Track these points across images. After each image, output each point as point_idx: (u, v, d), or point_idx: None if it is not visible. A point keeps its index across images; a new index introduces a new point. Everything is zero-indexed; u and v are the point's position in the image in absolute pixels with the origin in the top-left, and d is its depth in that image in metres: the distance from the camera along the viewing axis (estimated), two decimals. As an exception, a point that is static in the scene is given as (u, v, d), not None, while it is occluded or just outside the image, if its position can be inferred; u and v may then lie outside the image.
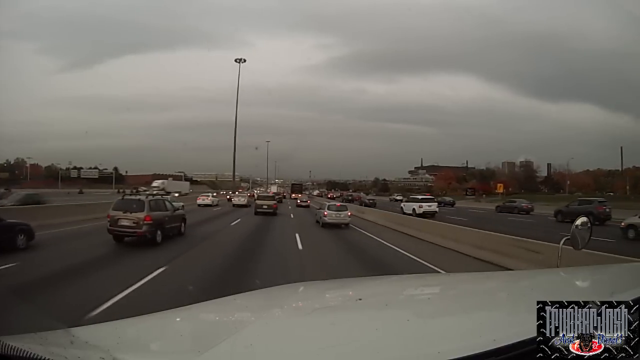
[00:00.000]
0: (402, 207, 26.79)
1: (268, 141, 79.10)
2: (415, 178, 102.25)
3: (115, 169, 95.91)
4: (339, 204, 19.85)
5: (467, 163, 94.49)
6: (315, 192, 79.11)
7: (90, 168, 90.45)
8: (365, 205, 32.69)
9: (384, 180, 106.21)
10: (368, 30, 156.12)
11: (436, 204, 26.86)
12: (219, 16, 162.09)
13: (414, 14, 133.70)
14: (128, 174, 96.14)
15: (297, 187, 63.54)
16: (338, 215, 16.92)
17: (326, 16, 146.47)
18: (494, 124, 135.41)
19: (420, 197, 28.93)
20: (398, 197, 31.49)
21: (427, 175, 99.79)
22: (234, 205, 31.05)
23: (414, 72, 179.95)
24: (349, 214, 17.62)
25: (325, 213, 16.98)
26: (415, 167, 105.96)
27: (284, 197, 56.03)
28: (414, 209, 24.67)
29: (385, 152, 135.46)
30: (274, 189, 64.94)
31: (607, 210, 20.91)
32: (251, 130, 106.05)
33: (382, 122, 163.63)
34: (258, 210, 22.21)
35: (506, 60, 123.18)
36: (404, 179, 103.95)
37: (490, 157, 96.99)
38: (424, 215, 22.93)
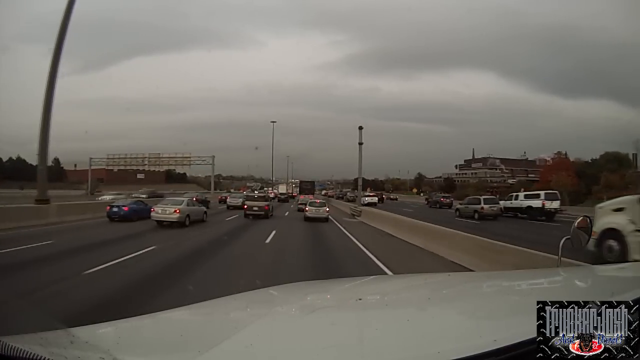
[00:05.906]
0: (361, 200, 38.39)
1: (274, 121, 60.49)
2: (476, 173, 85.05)
3: (57, 160, 71.95)
4: (318, 201, 23.70)
5: (525, 154, 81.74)
6: (323, 192, 67.18)
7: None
8: (347, 201, 42.62)
9: (424, 176, 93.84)
10: (381, 26, 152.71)
11: (377, 197, 41.94)
12: (227, 15, 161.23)
13: (426, 8, 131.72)
14: (77, 168, 68.85)
15: (308, 186, 52.45)
16: (317, 210, 20.51)
17: (338, 13, 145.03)
18: (509, 121, 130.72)
19: (367, 194, 43.02)
20: (366, 194, 44.41)
21: (501, 166, 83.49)
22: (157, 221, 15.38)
23: (428, 69, 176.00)
24: (327, 209, 21.10)
25: (307, 209, 20.94)
26: (465, 160, 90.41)
27: (293, 196, 51.27)
28: (363, 201, 35.78)
29: (404, 151, 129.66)
30: (282, 188, 61.62)
31: (448, 200, 34.70)
32: (266, 131, 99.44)
33: (400, 121, 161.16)
34: (247, 212, 20.83)
35: (522, 56, 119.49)
36: (457, 174, 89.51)
37: (508, 153, 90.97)
38: (369, 204, 33.48)
